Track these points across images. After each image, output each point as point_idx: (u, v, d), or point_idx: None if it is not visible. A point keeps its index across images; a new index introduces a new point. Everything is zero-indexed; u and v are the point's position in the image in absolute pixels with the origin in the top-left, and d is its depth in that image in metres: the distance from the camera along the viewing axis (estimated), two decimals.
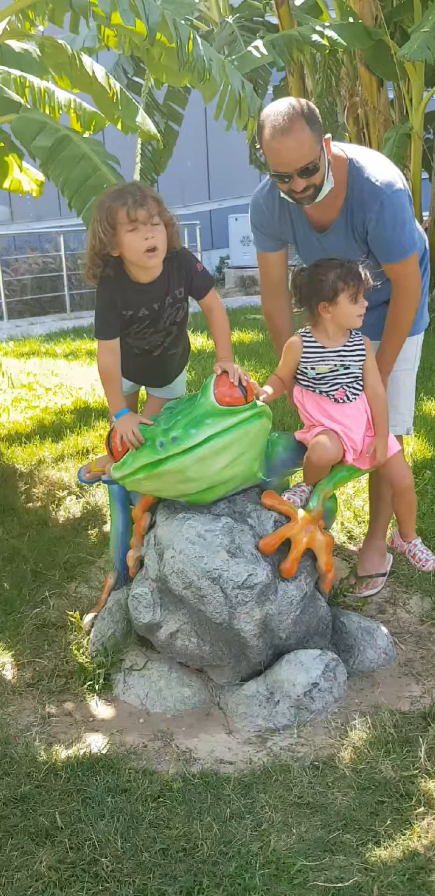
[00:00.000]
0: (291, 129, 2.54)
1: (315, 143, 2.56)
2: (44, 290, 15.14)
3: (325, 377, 2.74)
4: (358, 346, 2.76)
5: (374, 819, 2.13)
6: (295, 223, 2.88)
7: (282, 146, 2.56)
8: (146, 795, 2.26)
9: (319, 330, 2.75)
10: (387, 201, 2.68)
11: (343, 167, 2.72)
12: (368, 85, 8.49)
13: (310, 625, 2.75)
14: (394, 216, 2.69)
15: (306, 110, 2.57)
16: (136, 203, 2.45)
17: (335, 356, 2.73)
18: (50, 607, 3.25)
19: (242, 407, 2.59)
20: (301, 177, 2.58)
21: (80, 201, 3.83)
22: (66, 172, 3.84)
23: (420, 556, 2.98)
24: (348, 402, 2.75)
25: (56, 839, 2.12)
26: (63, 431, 5.35)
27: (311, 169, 2.57)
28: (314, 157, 2.56)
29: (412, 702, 2.62)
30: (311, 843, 2.07)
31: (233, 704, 2.63)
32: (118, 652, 2.83)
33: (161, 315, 2.68)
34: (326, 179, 2.65)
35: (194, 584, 2.56)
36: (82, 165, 3.86)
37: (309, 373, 2.75)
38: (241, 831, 2.11)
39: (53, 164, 3.85)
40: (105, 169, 3.89)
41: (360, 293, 2.66)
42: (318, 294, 2.67)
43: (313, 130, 2.56)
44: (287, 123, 2.54)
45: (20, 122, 4.04)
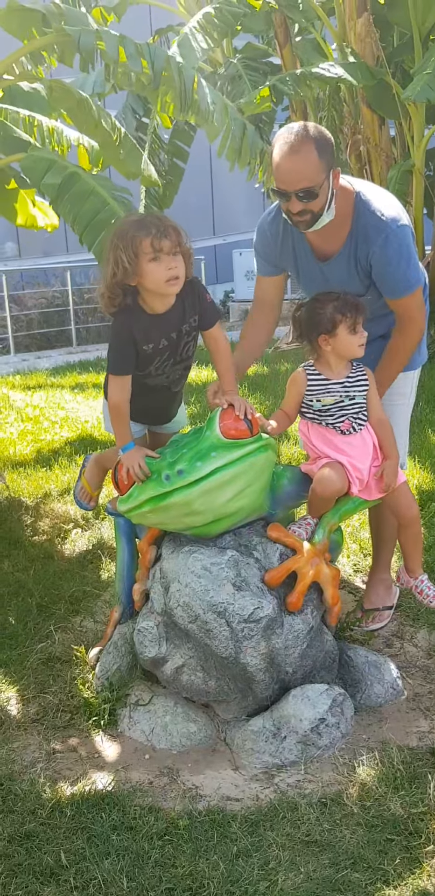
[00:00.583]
0: (298, 150, 2.58)
1: (320, 171, 2.59)
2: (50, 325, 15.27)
3: (330, 409, 2.75)
4: (361, 376, 2.78)
5: (382, 857, 2.10)
6: (297, 251, 2.90)
7: (285, 163, 2.60)
8: (152, 833, 2.23)
9: (321, 363, 2.76)
10: (392, 235, 2.70)
11: (349, 199, 2.75)
12: (369, 123, 8.60)
13: (316, 659, 2.74)
14: (399, 251, 2.72)
15: (318, 136, 2.61)
16: (159, 233, 2.49)
17: (340, 387, 2.75)
18: (55, 641, 3.23)
19: (248, 440, 2.60)
20: (299, 199, 2.61)
21: (90, 236, 3.89)
22: (77, 208, 3.90)
23: (428, 593, 2.95)
24: (355, 433, 2.76)
25: (61, 878, 2.10)
26: (69, 465, 5.36)
27: (310, 193, 2.60)
28: (315, 183, 2.59)
29: (420, 737, 2.59)
30: (319, 883, 2.04)
31: (239, 740, 2.61)
32: (123, 687, 2.81)
33: (179, 344, 2.69)
34: (326, 210, 2.67)
35: (200, 617, 2.55)
36: (92, 200, 3.92)
37: (314, 405, 2.76)
38: (247, 870, 2.09)
39: (63, 200, 3.92)
40: (114, 203, 3.95)
41: (358, 323, 2.68)
42: (317, 327, 2.69)
43: (321, 157, 2.59)
44: (296, 143, 2.58)
45: (29, 160, 4.11)
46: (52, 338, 15.02)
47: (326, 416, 2.76)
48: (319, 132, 2.63)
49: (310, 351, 2.77)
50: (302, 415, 2.83)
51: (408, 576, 3.00)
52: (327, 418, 2.76)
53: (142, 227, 2.50)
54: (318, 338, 2.71)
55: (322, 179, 2.60)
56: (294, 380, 2.80)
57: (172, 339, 2.67)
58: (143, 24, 10.18)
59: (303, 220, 2.68)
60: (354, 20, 8.15)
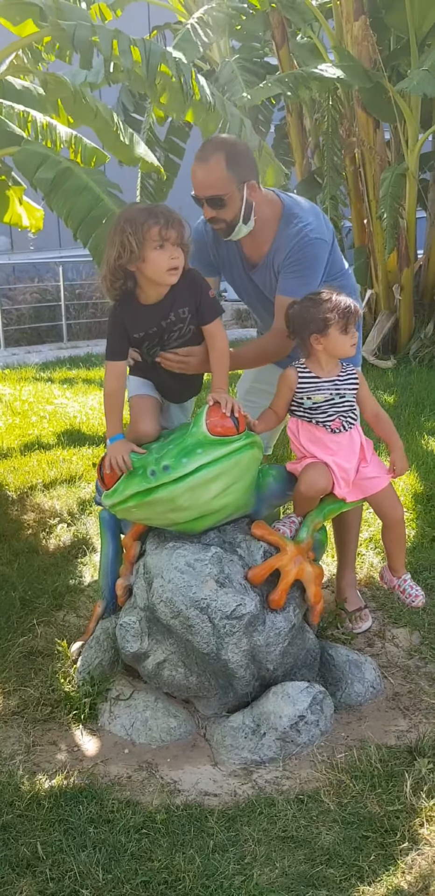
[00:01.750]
0: (207, 159, 2.74)
1: (228, 181, 2.73)
2: (41, 320, 15.24)
3: (320, 406, 2.76)
4: (351, 375, 2.79)
5: (358, 854, 2.12)
6: (230, 259, 3.02)
7: (195, 170, 2.78)
8: (129, 827, 2.23)
9: (312, 361, 2.77)
10: (308, 245, 2.83)
11: (276, 211, 2.89)
12: (365, 126, 8.64)
13: (297, 657, 2.75)
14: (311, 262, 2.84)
15: (230, 148, 2.76)
16: (168, 223, 2.55)
17: (330, 385, 2.76)
18: (37, 635, 3.23)
19: (234, 437, 2.61)
20: (209, 206, 2.77)
21: (85, 232, 3.89)
22: (70, 204, 3.90)
23: (410, 592, 2.97)
24: (344, 431, 2.77)
25: (37, 869, 2.10)
26: (56, 460, 5.36)
27: (217, 201, 2.75)
28: (223, 192, 2.74)
29: (399, 736, 2.60)
30: (294, 878, 2.05)
31: (219, 736, 2.61)
32: (105, 681, 2.81)
33: (167, 332, 2.70)
34: (242, 221, 2.80)
35: (182, 613, 2.55)
36: (85, 196, 3.92)
37: (305, 402, 2.77)
38: (223, 864, 2.09)
39: (56, 195, 3.92)
40: (107, 199, 3.95)
41: (350, 324, 2.70)
42: (309, 326, 2.70)
43: (230, 169, 2.73)
44: (206, 153, 2.76)
45: (22, 154, 4.10)
46: (43, 333, 15.00)
47: (316, 414, 2.77)
48: (231, 145, 2.79)
49: (301, 349, 2.78)
50: (292, 413, 2.84)
51: (391, 575, 3.02)
52: (318, 416, 2.77)
53: (151, 216, 2.56)
54: (309, 336, 2.72)
55: (231, 190, 2.75)
56: (285, 378, 2.80)
57: (161, 327, 2.70)
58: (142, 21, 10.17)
59: (218, 227, 2.83)
60: (351, 23, 8.18)
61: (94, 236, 3.90)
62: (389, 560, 3.03)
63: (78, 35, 4.16)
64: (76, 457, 5.47)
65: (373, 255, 9.08)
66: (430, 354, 8.62)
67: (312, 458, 2.78)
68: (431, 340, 8.79)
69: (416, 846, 2.13)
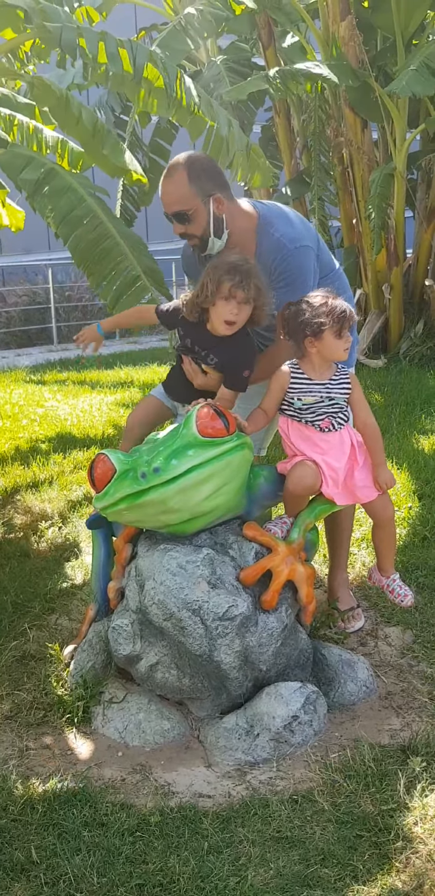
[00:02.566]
0: (171, 175, 2.81)
1: (191, 196, 2.78)
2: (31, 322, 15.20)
3: (310, 408, 2.77)
4: (344, 379, 2.79)
5: (352, 854, 2.12)
6: None
7: (161, 187, 2.85)
8: (123, 830, 2.23)
9: (305, 363, 2.78)
10: (291, 256, 2.84)
11: (252, 223, 2.90)
12: (352, 126, 8.65)
13: (290, 657, 2.75)
14: (288, 271, 2.84)
15: (192, 164, 2.80)
16: (239, 283, 2.66)
17: (321, 388, 2.76)
18: (30, 639, 3.22)
19: (224, 438, 2.61)
20: (176, 221, 2.83)
21: (65, 230, 3.88)
22: (53, 203, 3.90)
23: (399, 592, 2.98)
24: (334, 430, 2.78)
25: (31, 874, 2.09)
26: (47, 462, 5.35)
27: (181, 216, 2.80)
28: (186, 208, 2.79)
29: (392, 735, 2.61)
30: (289, 878, 2.05)
31: (212, 737, 2.61)
32: (98, 684, 2.81)
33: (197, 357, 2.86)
34: (214, 235, 2.83)
35: (175, 615, 2.55)
36: (68, 196, 3.92)
37: (295, 403, 2.78)
38: (218, 866, 2.09)
39: (40, 195, 3.91)
40: (90, 200, 3.94)
41: (345, 329, 2.70)
42: (304, 329, 2.70)
43: (192, 183, 2.77)
44: (170, 169, 2.83)
45: (7, 155, 4.10)
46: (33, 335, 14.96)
47: (305, 414, 2.78)
48: (194, 160, 2.82)
49: (296, 351, 2.78)
50: (282, 412, 2.85)
51: (380, 575, 3.02)
52: (307, 416, 2.77)
53: (230, 271, 2.66)
54: (304, 339, 2.72)
55: (195, 204, 2.79)
56: (277, 377, 2.81)
57: (191, 349, 2.85)
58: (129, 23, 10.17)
59: (193, 243, 2.88)
60: (338, 23, 8.19)
61: (75, 235, 3.90)
62: (379, 559, 3.04)
63: (64, 37, 4.15)
64: (67, 459, 5.46)
65: (362, 254, 9.11)
66: (420, 353, 8.65)
67: (301, 457, 2.78)
68: (420, 339, 8.82)
69: (410, 845, 2.13)
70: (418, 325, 8.95)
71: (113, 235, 3.92)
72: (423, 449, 5.17)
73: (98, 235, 3.85)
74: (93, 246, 3.82)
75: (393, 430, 5.63)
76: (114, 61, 4.12)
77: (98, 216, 3.88)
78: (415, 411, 6.29)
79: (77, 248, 3.83)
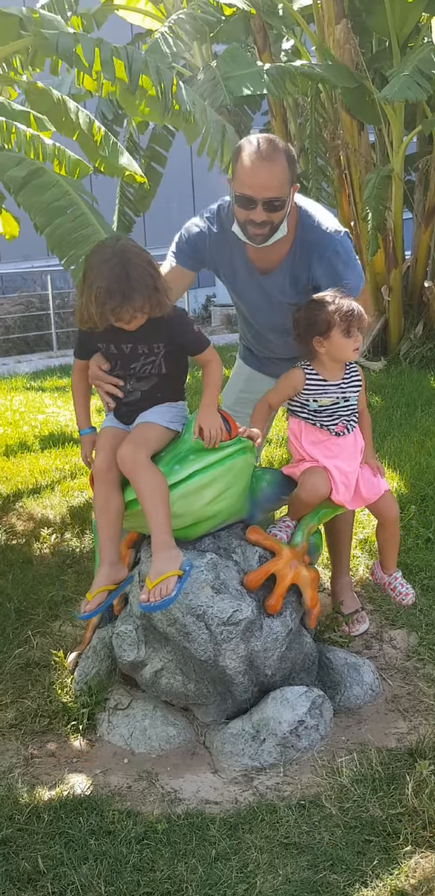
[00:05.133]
0: (270, 158, 2.63)
1: (287, 184, 2.66)
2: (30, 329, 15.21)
3: (326, 410, 2.76)
4: (354, 375, 2.79)
5: (361, 859, 2.11)
6: (235, 263, 2.93)
7: (258, 170, 2.62)
8: (130, 838, 2.22)
9: (317, 364, 2.77)
10: (338, 246, 2.80)
11: (293, 215, 2.81)
12: (349, 128, 8.65)
13: (295, 661, 2.74)
14: (347, 259, 2.81)
15: (287, 149, 2.68)
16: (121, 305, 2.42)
17: (336, 388, 2.76)
18: (33, 646, 3.21)
19: (227, 443, 2.60)
20: (265, 208, 2.65)
21: (44, 219, 3.86)
22: (36, 197, 3.87)
23: (400, 590, 2.98)
24: (348, 433, 2.78)
25: (38, 884, 2.08)
26: (48, 468, 5.34)
27: (276, 205, 2.65)
28: (283, 194, 2.65)
29: (399, 738, 2.60)
30: (297, 885, 2.04)
31: (218, 743, 2.60)
32: (102, 691, 2.80)
33: (132, 360, 2.62)
34: (282, 225, 2.73)
35: (179, 620, 2.54)
36: (53, 191, 3.90)
37: (311, 405, 2.77)
38: (226, 873, 2.08)
39: (24, 191, 3.89)
40: (75, 195, 3.92)
41: (353, 327, 2.68)
42: (312, 329, 2.70)
43: (290, 171, 2.66)
44: (270, 151, 2.63)
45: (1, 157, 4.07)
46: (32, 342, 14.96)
47: (320, 417, 2.77)
48: (287, 146, 2.71)
49: (305, 352, 2.77)
50: (295, 414, 2.83)
51: (382, 572, 3.02)
52: (322, 419, 2.77)
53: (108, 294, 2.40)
54: (312, 339, 2.71)
55: (288, 192, 2.68)
56: (292, 376, 2.79)
57: (123, 351, 2.61)
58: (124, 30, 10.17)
59: (261, 232, 2.70)
60: (333, 26, 8.20)
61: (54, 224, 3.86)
62: (382, 557, 3.03)
63: (61, 43, 4.15)
64: (68, 466, 5.45)
65: (360, 256, 9.10)
66: (420, 355, 8.65)
67: (311, 462, 2.77)
68: (420, 341, 8.81)
69: (419, 849, 2.12)
70: (418, 327, 8.95)
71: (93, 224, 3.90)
72: (425, 451, 5.16)
73: (77, 224, 3.81)
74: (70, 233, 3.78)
75: (394, 433, 5.62)
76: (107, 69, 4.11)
77: (81, 208, 3.86)
78: (416, 413, 6.27)
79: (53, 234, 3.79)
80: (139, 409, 2.67)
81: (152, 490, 2.48)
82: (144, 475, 2.49)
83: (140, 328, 2.54)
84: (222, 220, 2.89)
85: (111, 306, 2.42)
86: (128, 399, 2.68)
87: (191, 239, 2.94)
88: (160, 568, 2.41)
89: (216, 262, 2.98)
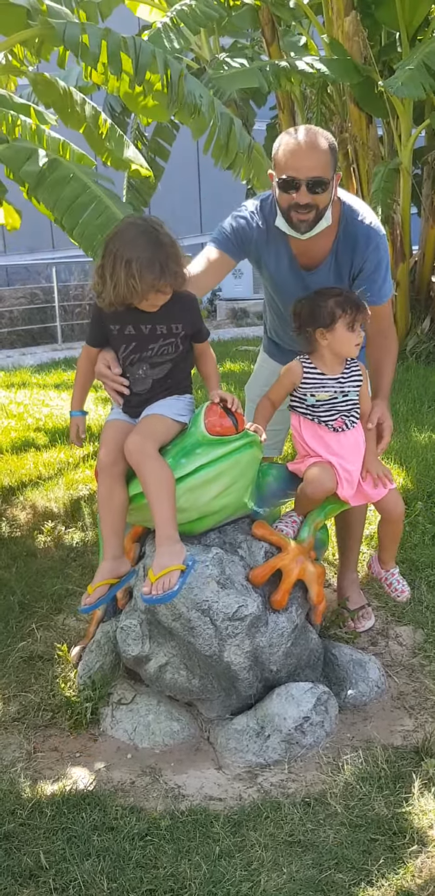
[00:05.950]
0: (314, 139, 2.65)
1: (330, 166, 2.66)
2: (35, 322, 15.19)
3: (324, 404, 2.73)
4: (355, 372, 2.76)
5: (366, 857, 2.09)
6: (279, 256, 2.88)
7: (302, 149, 2.64)
8: (133, 834, 2.20)
9: (316, 357, 2.74)
10: (381, 243, 2.80)
11: (336, 208, 2.79)
12: (357, 121, 8.60)
13: (301, 657, 2.72)
14: (386, 259, 2.82)
15: (330, 138, 2.70)
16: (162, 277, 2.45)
17: (335, 383, 2.73)
18: (37, 640, 3.20)
19: (233, 437, 2.57)
20: (309, 190, 2.63)
21: (71, 220, 3.81)
22: (56, 194, 3.82)
23: (396, 586, 2.96)
24: (347, 430, 2.74)
25: (40, 879, 2.06)
26: (52, 461, 5.32)
27: (321, 183, 2.63)
28: (326, 177, 2.64)
29: (405, 736, 2.58)
30: (302, 883, 2.02)
31: (223, 739, 2.58)
32: (106, 685, 2.78)
33: (150, 342, 2.60)
34: (326, 213, 2.69)
35: (184, 615, 2.52)
36: (72, 185, 3.85)
37: (308, 399, 2.74)
38: (230, 871, 2.06)
39: (42, 187, 3.84)
40: (95, 187, 3.88)
41: (357, 322, 2.66)
42: (316, 320, 2.67)
43: (331, 156, 2.67)
44: (311, 134, 2.67)
45: (9, 150, 4.04)
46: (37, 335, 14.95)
47: (318, 412, 2.74)
48: (328, 134, 2.72)
49: (305, 344, 2.74)
50: (293, 409, 2.81)
51: (380, 567, 3.00)
52: (320, 414, 2.73)
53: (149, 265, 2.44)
54: (315, 331, 2.68)
55: (331, 176, 2.66)
56: (290, 370, 2.77)
57: (141, 331, 2.59)
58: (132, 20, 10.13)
59: (306, 217, 2.67)
60: (342, 18, 8.13)
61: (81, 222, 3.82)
62: (381, 551, 3.01)
63: (68, 33, 4.11)
64: (73, 459, 5.43)
65: None
66: (426, 350, 8.60)
67: (315, 457, 2.74)
68: (427, 336, 8.76)
69: (425, 848, 2.10)
70: (425, 322, 8.89)
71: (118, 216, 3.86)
72: (431, 447, 5.13)
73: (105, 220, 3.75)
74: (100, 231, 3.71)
75: (400, 429, 5.58)
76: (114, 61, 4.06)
77: (103, 201, 3.80)
78: (422, 409, 6.24)
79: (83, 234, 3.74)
80: (147, 401, 2.64)
81: (159, 483, 2.46)
82: (152, 467, 2.47)
83: (161, 308, 2.55)
84: (266, 215, 2.84)
85: (151, 278, 2.44)
86: (138, 388, 2.64)
87: (238, 230, 2.90)
88: (163, 562, 2.39)
89: (260, 255, 2.92)
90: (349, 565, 3.31)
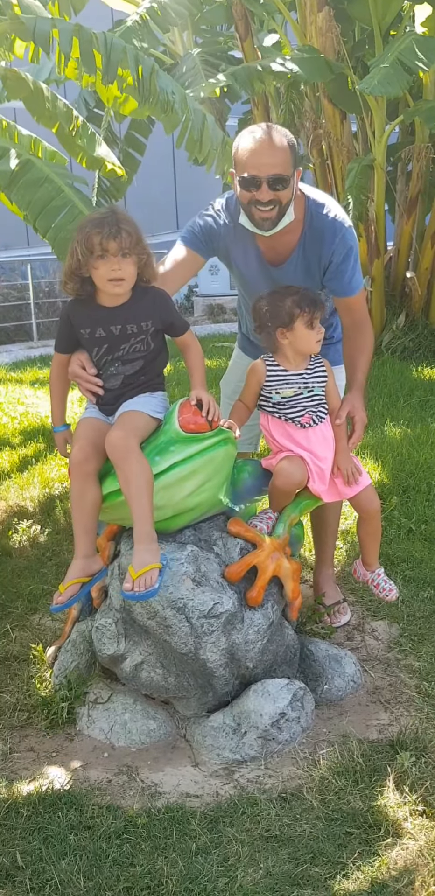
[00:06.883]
0: (273, 139, 2.66)
1: (290, 163, 2.66)
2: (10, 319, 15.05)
3: (289, 401, 2.73)
4: (319, 368, 2.77)
5: (342, 851, 2.10)
6: (247, 253, 2.89)
7: (261, 147, 2.65)
8: (110, 832, 2.20)
9: (279, 355, 2.75)
10: (347, 235, 2.81)
11: (301, 204, 2.80)
12: (331, 118, 8.62)
13: (277, 653, 2.73)
14: (354, 250, 2.83)
15: (289, 136, 2.71)
16: (109, 234, 2.49)
17: (298, 378, 2.74)
18: (12, 640, 3.18)
19: (207, 434, 2.57)
20: (270, 187, 2.64)
21: (44, 223, 3.80)
22: (30, 196, 3.80)
23: (384, 586, 2.97)
24: (314, 425, 2.75)
25: (17, 879, 2.05)
26: (27, 460, 5.28)
27: (281, 181, 2.63)
28: (286, 173, 2.65)
29: (380, 730, 2.60)
30: (278, 878, 2.03)
31: (199, 736, 2.58)
32: (82, 685, 2.77)
33: (121, 342, 2.60)
34: (289, 209, 2.70)
35: (159, 613, 2.52)
36: (46, 188, 3.83)
37: (273, 397, 2.75)
38: (207, 867, 2.07)
39: (16, 187, 3.82)
40: (68, 190, 3.87)
41: (316, 319, 2.67)
42: (275, 319, 2.68)
43: (291, 153, 2.68)
44: (271, 133, 2.68)
45: None
46: (12, 332, 14.81)
47: (285, 410, 2.74)
48: (289, 132, 2.73)
49: (268, 344, 2.75)
50: (261, 408, 2.82)
51: (364, 569, 3.01)
52: (287, 412, 2.74)
53: (97, 224, 2.51)
54: (275, 331, 2.69)
55: (291, 173, 2.67)
56: (253, 370, 2.78)
57: (112, 333, 2.59)
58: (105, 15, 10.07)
59: (269, 215, 2.68)
60: (315, 14, 8.15)
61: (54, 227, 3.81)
62: (363, 554, 3.02)
63: (39, 28, 4.08)
64: (48, 457, 5.39)
65: None
66: (402, 345, 8.65)
67: (287, 452, 2.75)
68: (402, 332, 8.82)
69: (400, 841, 2.12)
70: (400, 318, 8.95)
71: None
72: (407, 441, 5.16)
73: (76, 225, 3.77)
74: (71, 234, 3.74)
75: (376, 423, 5.62)
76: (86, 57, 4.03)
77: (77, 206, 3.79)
78: (398, 403, 6.28)
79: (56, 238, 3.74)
80: (119, 397, 2.64)
81: (140, 480, 2.46)
82: (134, 463, 2.47)
83: (128, 305, 2.56)
84: (232, 213, 2.86)
85: (99, 238, 2.47)
86: (109, 385, 2.64)
87: (205, 228, 2.91)
88: (145, 559, 2.39)
89: (229, 252, 2.94)
90: (325, 561, 3.33)
